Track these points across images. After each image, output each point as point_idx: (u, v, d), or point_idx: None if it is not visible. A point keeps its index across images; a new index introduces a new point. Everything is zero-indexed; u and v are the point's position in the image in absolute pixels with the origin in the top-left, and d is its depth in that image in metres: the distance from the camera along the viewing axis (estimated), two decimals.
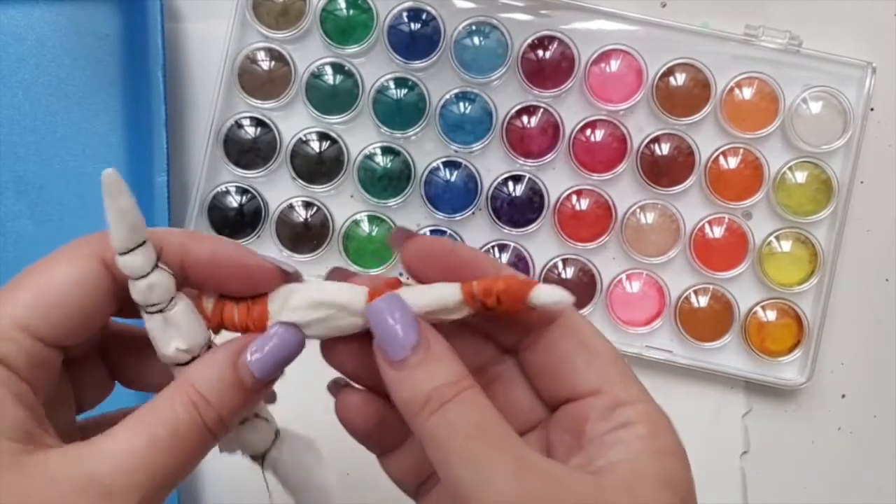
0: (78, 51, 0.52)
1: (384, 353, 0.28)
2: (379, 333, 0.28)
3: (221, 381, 0.28)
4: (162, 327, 0.29)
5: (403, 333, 0.27)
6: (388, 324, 0.28)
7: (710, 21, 0.53)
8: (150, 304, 0.28)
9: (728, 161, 0.52)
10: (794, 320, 0.52)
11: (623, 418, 0.27)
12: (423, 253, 0.30)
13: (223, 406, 0.27)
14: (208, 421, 0.27)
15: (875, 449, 0.53)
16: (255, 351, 0.28)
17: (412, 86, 0.52)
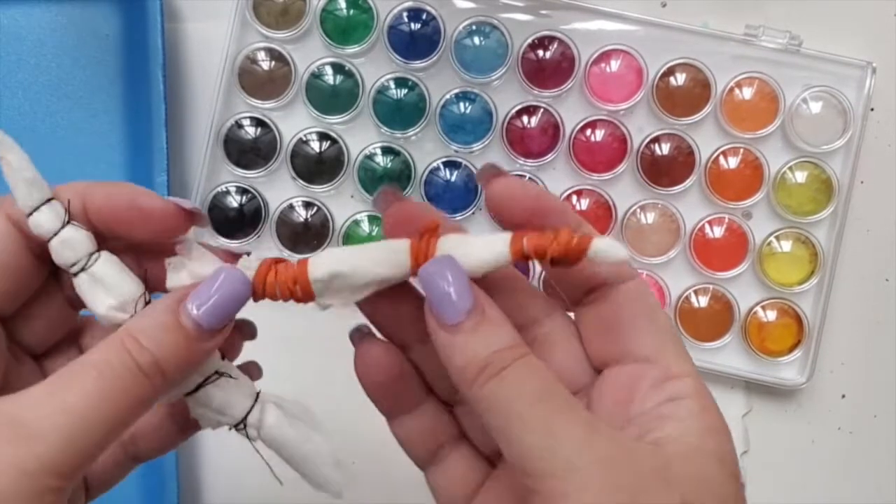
0: (78, 51, 0.52)
1: (438, 316, 0.26)
2: (432, 297, 0.27)
3: (158, 325, 0.26)
4: (90, 287, 0.28)
5: (458, 297, 0.26)
6: (442, 288, 0.26)
7: (710, 21, 0.53)
8: (71, 263, 0.28)
9: (728, 161, 0.52)
10: (794, 320, 0.52)
11: (674, 391, 0.27)
12: (507, 195, 0.29)
13: (160, 349, 0.26)
14: (142, 364, 0.26)
15: (875, 449, 0.53)
16: (197, 296, 0.27)
17: (412, 86, 0.52)
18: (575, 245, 0.27)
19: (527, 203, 0.29)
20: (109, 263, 0.28)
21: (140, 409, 0.26)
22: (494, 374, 0.26)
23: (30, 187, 0.27)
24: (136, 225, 0.28)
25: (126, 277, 0.28)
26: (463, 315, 0.26)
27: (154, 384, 0.26)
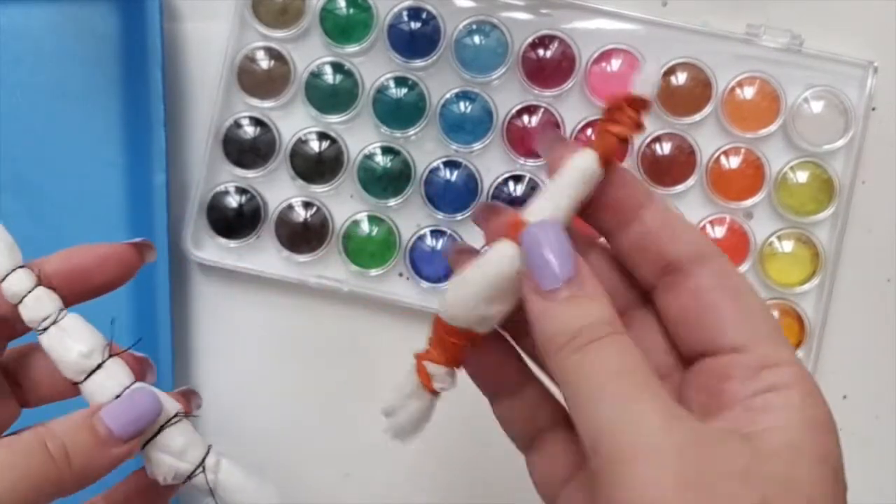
0: (77, 51, 0.52)
1: (535, 280, 0.25)
2: (532, 261, 0.26)
3: (73, 423, 0.29)
4: (59, 339, 0.30)
5: (559, 264, 0.25)
6: (543, 252, 0.25)
7: (710, 20, 0.52)
8: (43, 317, 0.30)
9: (729, 161, 0.52)
10: (795, 320, 0.52)
11: (771, 381, 0.25)
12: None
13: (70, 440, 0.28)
14: (51, 447, 0.27)
15: (877, 450, 0.53)
16: (111, 407, 0.29)
17: (412, 85, 0.52)
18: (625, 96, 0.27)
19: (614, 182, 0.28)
20: (76, 317, 0.31)
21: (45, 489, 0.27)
22: (583, 344, 0.25)
23: (9, 254, 0.31)
24: (95, 272, 0.31)
25: (92, 329, 0.31)
26: (561, 283, 0.25)
27: (60, 469, 0.28)
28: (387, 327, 0.53)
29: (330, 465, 0.53)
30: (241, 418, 0.53)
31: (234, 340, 0.53)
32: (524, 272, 0.26)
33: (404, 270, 0.52)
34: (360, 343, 0.53)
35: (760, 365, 0.25)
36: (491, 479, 0.53)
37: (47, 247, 0.51)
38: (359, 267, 0.52)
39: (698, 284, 0.27)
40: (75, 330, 0.30)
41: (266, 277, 0.52)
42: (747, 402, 0.25)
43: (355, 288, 0.52)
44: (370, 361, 0.53)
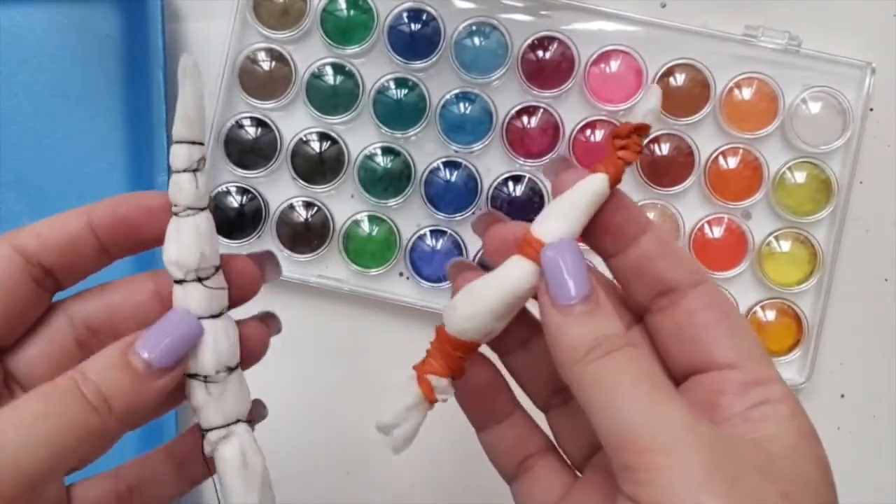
0: (78, 51, 0.52)
1: (555, 296, 0.27)
2: (552, 278, 0.27)
3: (106, 362, 0.27)
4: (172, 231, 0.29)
5: (576, 281, 0.27)
6: (562, 270, 0.27)
7: (709, 21, 0.53)
8: (174, 203, 0.29)
9: (727, 161, 0.52)
10: (793, 320, 0.52)
11: (763, 396, 0.27)
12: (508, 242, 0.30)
13: (105, 382, 0.26)
14: (86, 391, 0.26)
15: (875, 449, 0.53)
16: (147, 339, 0.27)
17: (412, 86, 0.52)
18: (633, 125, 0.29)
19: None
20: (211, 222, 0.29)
21: (87, 439, 0.26)
22: (604, 353, 0.26)
23: (187, 123, 0.28)
24: (143, 224, 0.29)
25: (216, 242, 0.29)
26: (579, 298, 0.27)
27: (100, 415, 0.26)
28: (387, 327, 0.53)
29: (330, 465, 0.53)
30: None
31: None
32: (542, 288, 0.28)
33: (404, 270, 0.52)
34: (360, 342, 0.53)
35: (752, 381, 0.27)
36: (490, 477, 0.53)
37: None
38: (359, 267, 0.52)
39: (693, 306, 0.29)
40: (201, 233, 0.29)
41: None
42: (745, 414, 0.27)
43: (356, 287, 0.52)
44: (370, 361, 0.53)
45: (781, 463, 0.25)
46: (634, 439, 0.24)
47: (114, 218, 0.29)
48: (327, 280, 0.52)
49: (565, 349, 0.27)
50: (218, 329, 0.29)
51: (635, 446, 0.24)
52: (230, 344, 0.30)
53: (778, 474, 0.25)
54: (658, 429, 0.24)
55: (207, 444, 0.29)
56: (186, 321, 0.28)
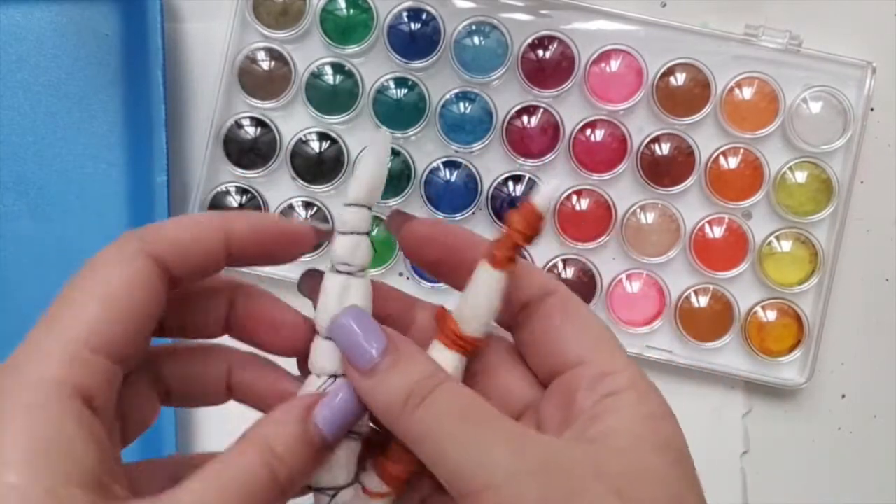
0: (78, 51, 0.52)
1: (354, 364, 0.27)
2: (345, 347, 0.28)
3: (294, 438, 0.27)
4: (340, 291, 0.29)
5: (369, 340, 0.27)
6: (352, 336, 0.27)
7: (710, 21, 0.53)
8: (345, 262, 0.29)
9: (728, 161, 0.52)
10: (794, 320, 0.52)
11: (611, 387, 0.27)
12: (422, 238, 0.30)
13: (295, 464, 0.26)
14: (282, 479, 0.26)
15: (875, 449, 0.53)
16: (323, 408, 0.27)
17: (412, 86, 0.52)
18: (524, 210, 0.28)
19: (441, 241, 0.30)
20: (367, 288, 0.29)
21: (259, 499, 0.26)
22: (418, 402, 0.26)
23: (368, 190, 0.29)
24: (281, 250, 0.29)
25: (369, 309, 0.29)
26: (378, 356, 0.27)
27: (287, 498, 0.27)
28: None
29: None
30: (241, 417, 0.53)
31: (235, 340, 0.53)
32: (345, 362, 0.28)
33: (404, 270, 0.52)
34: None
35: (601, 374, 0.27)
36: None
37: (48, 247, 0.52)
38: None
39: (544, 313, 0.29)
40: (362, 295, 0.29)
41: (267, 277, 0.52)
42: (592, 410, 0.27)
43: None
44: None
45: (616, 459, 0.25)
46: (467, 483, 0.25)
47: (254, 239, 0.28)
48: None
49: (383, 410, 0.27)
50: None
51: (470, 489, 0.25)
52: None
53: (611, 473, 0.25)
54: (486, 467, 0.24)
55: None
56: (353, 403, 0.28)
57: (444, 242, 0.30)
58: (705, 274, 0.52)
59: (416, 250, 0.30)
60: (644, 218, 0.52)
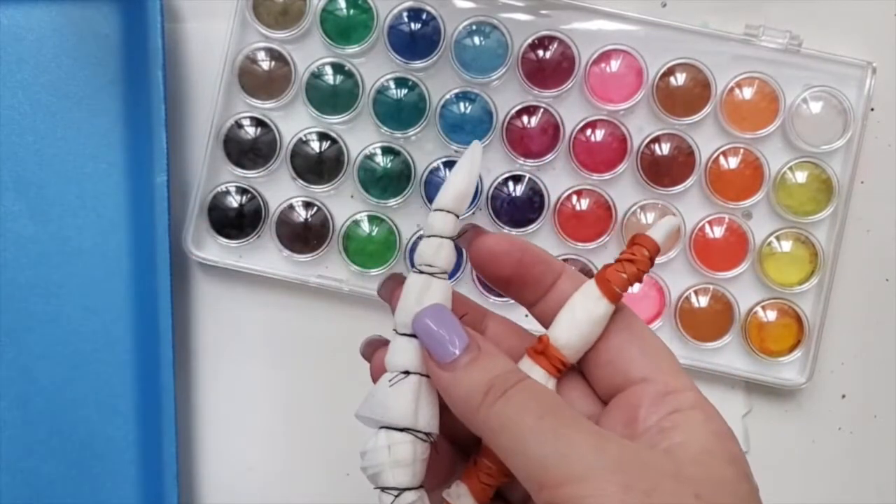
0: (78, 51, 0.52)
1: (435, 356, 0.28)
2: (428, 341, 0.28)
3: None
4: (421, 290, 0.30)
5: (452, 336, 0.28)
6: (436, 331, 0.28)
7: (710, 21, 0.53)
8: (428, 264, 0.30)
9: (728, 161, 0.52)
10: (794, 320, 0.52)
11: (676, 404, 0.28)
12: (497, 252, 0.31)
13: None
14: None
15: (875, 449, 0.53)
16: None
17: (412, 86, 0.52)
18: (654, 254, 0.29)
19: (513, 258, 0.31)
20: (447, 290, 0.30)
21: None
22: (499, 395, 0.27)
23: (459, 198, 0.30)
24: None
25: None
26: (459, 352, 0.28)
27: None
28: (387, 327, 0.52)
29: (330, 465, 0.53)
30: (241, 417, 0.53)
31: (235, 340, 0.53)
32: (426, 356, 0.29)
33: (404, 270, 0.52)
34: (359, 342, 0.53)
35: (665, 391, 0.29)
36: None
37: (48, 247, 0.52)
38: (359, 267, 0.52)
39: (608, 331, 0.30)
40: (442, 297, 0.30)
41: (267, 277, 0.52)
42: (659, 424, 0.28)
43: (356, 288, 0.52)
44: None
45: (693, 467, 0.26)
46: (549, 475, 0.25)
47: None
48: (327, 280, 0.52)
49: (462, 401, 0.27)
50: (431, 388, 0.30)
51: (551, 482, 0.25)
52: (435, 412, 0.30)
53: (691, 478, 0.26)
54: (568, 460, 0.25)
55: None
56: None
57: (516, 259, 0.31)
58: (705, 274, 0.52)
59: (486, 265, 0.31)
60: (644, 218, 0.52)
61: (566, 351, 0.30)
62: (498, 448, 0.27)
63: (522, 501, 0.32)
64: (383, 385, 0.30)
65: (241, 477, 0.53)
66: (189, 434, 0.53)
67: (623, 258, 0.30)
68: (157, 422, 0.50)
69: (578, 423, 0.26)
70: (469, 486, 0.30)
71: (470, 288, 0.52)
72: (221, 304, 0.53)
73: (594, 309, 0.29)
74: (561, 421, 0.26)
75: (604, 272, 0.30)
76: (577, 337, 0.30)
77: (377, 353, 0.33)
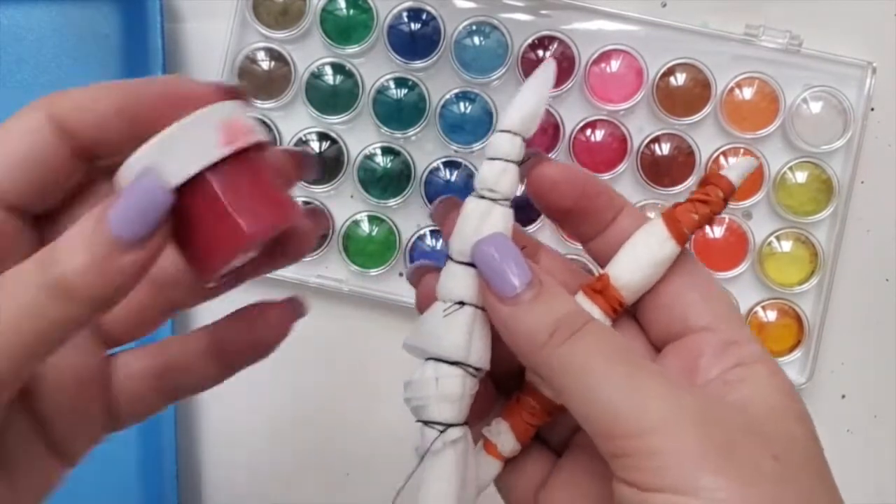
0: (78, 51, 0.52)
1: (497, 290, 0.26)
2: (488, 272, 0.26)
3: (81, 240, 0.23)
4: (481, 217, 0.27)
5: (514, 270, 0.26)
6: (497, 262, 0.26)
7: (710, 21, 0.53)
8: (490, 189, 0.27)
9: (728, 161, 0.52)
10: (794, 320, 0.52)
11: (740, 357, 0.27)
12: (558, 181, 0.29)
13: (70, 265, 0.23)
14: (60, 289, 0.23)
15: (875, 449, 0.53)
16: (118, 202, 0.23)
17: (412, 86, 0.52)
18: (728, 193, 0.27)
19: (576, 187, 0.29)
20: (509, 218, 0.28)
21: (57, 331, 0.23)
22: (567, 336, 0.25)
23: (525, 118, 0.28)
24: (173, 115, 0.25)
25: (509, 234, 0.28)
26: (521, 286, 0.26)
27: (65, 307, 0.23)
28: (387, 327, 0.53)
29: (330, 465, 0.53)
30: (241, 417, 0.53)
31: None
32: (484, 287, 0.27)
33: (404, 270, 0.52)
34: (360, 343, 0.53)
35: (728, 342, 0.27)
36: None
37: None
38: (359, 267, 0.52)
39: (669, 275, 0.28)
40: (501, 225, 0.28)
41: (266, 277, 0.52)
42: (723, 377, 0.26)
43: (355, 288, 0.52)
44: (370, 361, 0.53)
45: (766, 423, 0.25)
46: (621, 425, 0.24)
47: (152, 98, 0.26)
48: (327, 280, 0.52)
49: (525, 337, 0.26)
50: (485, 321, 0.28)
51: (623, 432, 0.24)
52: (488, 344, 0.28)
53: (767, 435, 0.25)
54: (642, 410, 0.24)
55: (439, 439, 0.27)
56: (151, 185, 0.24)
57: (579, 189, 0.29)
58: None
59: (546, 195, 0.29)
60: None
61: (626, 291, 0.28)
62: (561, 391, 0.25)
63: (561, 443, 0.31)
64: (436, 315, 0.28)
65: (241, 477, 0.53)
66: (189, 434, 0.53)
67: (695, 198, 0.28)
68: (156, 421, 0.50)
69: (651, 371, 0.25)
70: (511, 424, 0.29)
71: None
72: (221, 305, 0.53)
73: (659, 250, 0.28)
74: (633, 367, 0.25)
75: (673, 211, 0.28)
76: (639, 277, 0.28)
77: (425, 279, 0.30)
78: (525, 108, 0.28)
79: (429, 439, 0.27)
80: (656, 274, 0.28)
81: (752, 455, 0.24)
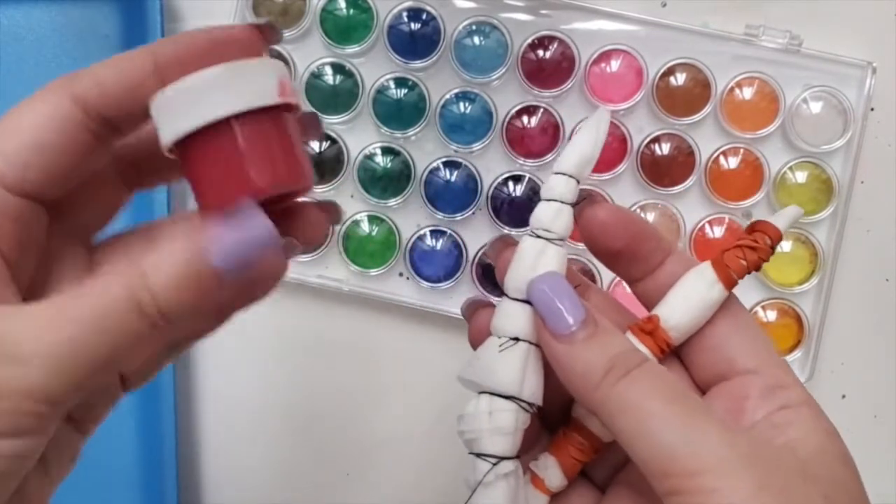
0: (78, 51, 0.52)
1: (552, 328, 0.27)
2: (544, 310, 0.27)
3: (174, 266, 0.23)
4: (536, 255, 0.28)
5: (569, 308, 0.27)
6: (553, 301, 0.27)
7: (710, 21, 0.53)
8: (546, 228, 0.29)
9: (728, 161, 0.52)
10: (794, 320, 0.52)
11: (786, 400, 0.27)
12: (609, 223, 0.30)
13: (170, 297, 0.23)
14: (149, 312, 0.23)
15: (875, 449, 0.53)
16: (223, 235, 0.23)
17: (412, 86, 0.52)
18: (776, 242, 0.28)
19: (627, 230, 0.30)
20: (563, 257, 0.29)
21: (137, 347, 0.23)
22: (622, 374, 0.26)
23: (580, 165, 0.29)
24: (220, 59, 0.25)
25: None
26: (577, 324, 0.27)
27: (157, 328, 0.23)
28: (386, 327, 0.53)
29: (330, 465, 0.53)
30: (241, 417, 0.53)
31: (235, 340, 0.53)
32: (539, 325, 0.27)
33: (404, 270, 0.52)
34: (360, 343, 0.53)
35: (774, 385, 0.28)
36: None
37: None
38: (359, 267, 0.52)
39: (714, 317, 0.29)
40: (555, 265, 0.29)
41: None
42: (770, 419, 0.27)
43: (355, 288, 0.52)
44: (370, 361, 0.53)
45: (815, 465, 0.26)
46: (678, 464, 0.24)
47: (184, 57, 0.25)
48: (327, 280, 0.52)
49: (580, 375, 0.26)
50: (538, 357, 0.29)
51: (680, 471, 0.24)
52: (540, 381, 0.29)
53: (816, 477, 0.25)
54: (700, 450, 0.24)
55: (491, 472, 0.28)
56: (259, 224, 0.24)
57: (630, 232, 0.29)
58: None
59: (598, 237, 0.30)
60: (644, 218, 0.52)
61: (674, 333, 0.29)
62: (616, 429, 0.26)
63: (605, 480, 0.31)
64: (492, 349, 0.28)
65: (241, 477, 0.53)
66: (189, 434, 0.53)
67: (744, 244, 0.29)
68: (156, 421, 0.50)
69: (706, 412, 0.25)
70: (558, 459, 0.29)
71: (470, 287, 0.52)
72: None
73: (708, 293, 0.28)
74: (689, 408, 0.25)
75: (721, 257, 0.29)
76: (687, 319, 0.28)
77: (478, 314, 0.31)
78: (581, 153, 0.29)
79: (481, 472, 0.28)
80: (704, 317, 0.29)
81: (804, 496, 0.24)
